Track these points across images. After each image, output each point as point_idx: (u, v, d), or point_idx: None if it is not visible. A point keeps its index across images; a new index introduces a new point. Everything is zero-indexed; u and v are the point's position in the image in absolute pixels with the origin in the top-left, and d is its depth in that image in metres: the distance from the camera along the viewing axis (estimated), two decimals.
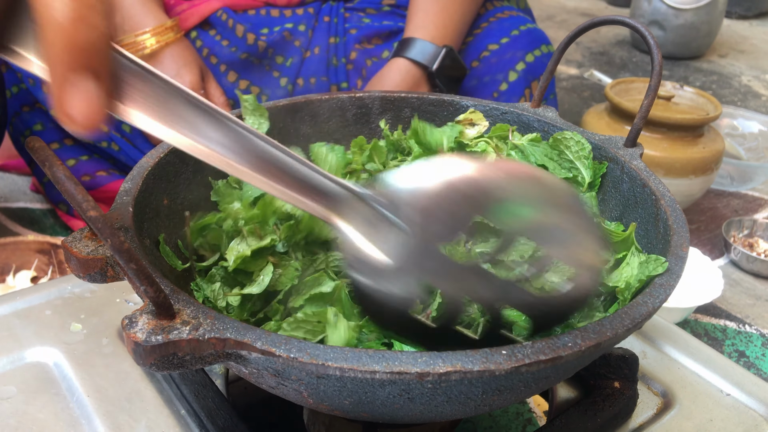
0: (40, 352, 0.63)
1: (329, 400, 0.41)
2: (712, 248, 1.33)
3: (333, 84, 1.16)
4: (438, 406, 0.40)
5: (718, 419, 0.61)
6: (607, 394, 0.60)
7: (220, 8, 1.14)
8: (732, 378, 0.66)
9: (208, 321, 0.38)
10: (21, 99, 1.11)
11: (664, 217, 0.51)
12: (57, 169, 0.33)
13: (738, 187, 1.54)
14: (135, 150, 1.13)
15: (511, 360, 0.36)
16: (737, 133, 1.65)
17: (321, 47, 1.16)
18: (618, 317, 0.40)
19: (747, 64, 2.47)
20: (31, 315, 0.67)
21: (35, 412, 0.57)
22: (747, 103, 2.12)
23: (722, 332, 1.11)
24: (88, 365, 0.62)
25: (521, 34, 1.15)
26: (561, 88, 2.12)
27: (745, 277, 1.25)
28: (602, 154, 0.62)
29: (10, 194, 1.35)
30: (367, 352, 0.36)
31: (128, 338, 0.36)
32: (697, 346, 0.69)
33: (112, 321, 0.67)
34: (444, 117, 0.72)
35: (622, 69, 2.38)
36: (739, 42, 2.72)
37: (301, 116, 0.69)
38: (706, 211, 1.46)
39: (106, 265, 0.44)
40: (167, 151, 0.57)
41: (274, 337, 0.37)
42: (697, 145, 1.26)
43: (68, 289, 0.70)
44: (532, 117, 0.68)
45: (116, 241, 0.33)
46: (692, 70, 2.38)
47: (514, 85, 1.13)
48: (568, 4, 3.18)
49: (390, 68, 1.04)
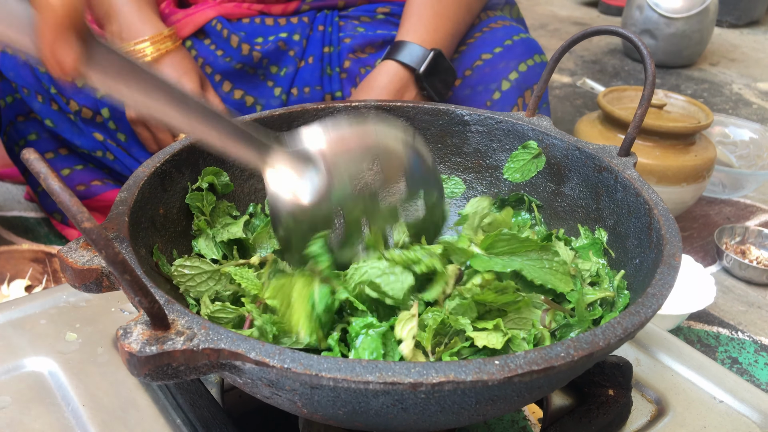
0: (35, 361, 0.63)
1: (323, 410, 0.41)
2: (704, 255, 1.33)
3: (327, 93, 1.16)
4: (432, 415, 0.40)
5: (711, 426, 0.62)
6: (601, 402, 0.60)
7: (214, 17, 1.15)
8: (725, 385, 0.66)
9: (202, 331, 0.38)
10: (15, 109, 1.11)
11: (657, 227, 0.52)
12: (52, 180, 0.34)
13: (730, 194, 1.55)
14: (130, 159, 1.13)
15: (503, 370, 0.36)
16: (729, 141, 1.66)
17: (315, 56, 1.16)
18: (611, 327, 0.40)
19: (738, 73, 2.49)
20: (26, 324, 0.67)
21: (30, 421, 0.57)
22: (738, 111, 2.14)
23: (715, 339, 1.11)
24: (83, 374, 0.62)
25: (514, 43, 1.16)
26: (554, 97, 2.13)
27: (738, 283, 1.26)
28: (596, 163, 0.63)
29: (5, 203, 1.35)
30: (360, 363, 0.36)
31: (123, 349, 0.36)
32: (690, 354, 0.70)
33: (107, 330, 0.67)
34: (439, 126, 0.72)
35: (614, 77, 2.39)
36: (730, 50, 2.74)
37: (297, 125, 0.70)
38: (699, 218, 1.47)
39: (102, 275, 0.44)
40: (163, 160, 0.58)
41: (268, 347, 0.37)
42: (689, 153, 1.27)
43: (63, 299, 0.70)
44: (526, 126, 0.68)
45: (111, 253, 0.34)
46: (684, 79, 2.40)
47: (507, 94, 1.14)
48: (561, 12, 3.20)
49: (379, 71, 1.04)
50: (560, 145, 0.66)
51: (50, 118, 1.09)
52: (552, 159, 0.67)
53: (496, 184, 0.71)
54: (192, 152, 0.61)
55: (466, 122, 0.71)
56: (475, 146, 0.72)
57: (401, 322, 0.50)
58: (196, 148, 0.62)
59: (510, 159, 0.69)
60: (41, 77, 1.07)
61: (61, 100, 1.08)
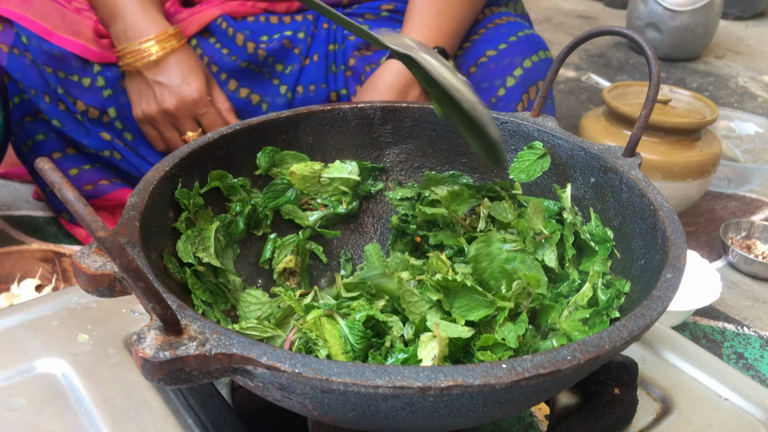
0: (47, 363, 0.64)
1: (333, 413, 0.41)
2: (710, 250, 1.34)
3: (332, 91, 1.17)
4: (440, 418, 0.41)
5: (716, 424, 0.62)
6: (607, 401, 0.60)
7: (219, 16, 1.15)
8: (730, 383, 0.67)
9: (214, 336, 0.39)
10: (23, 109, 1.12)
11: (662, 228, 0.52)
12: (67, 190, 0.34)
13: (735, 189, 1.55)
14: (137, 158, 1.14)
15: (511, 374, 0.36)
16: (734, 135, 1.66)
17: (320, 54, 1.17)
18: (616, 330, 0.40)
19: (743, 66, 2.48)
20: (38, 326, 0.67)
21: (44, 423, 0.58)
22: (744, 104, 2.13)
23: (721, 334, 1.12)
24: (95, 376, 0.63)
25: (519, 40, 1.16)
26: (558, 91, 2.13)
27: (743, 279, 1.26)
28: (601, 164, 0.63)
29: (13, 202, 1.36)
30: (370, 367, 0.36)
31: (137, 354, 0.37)
32: (696, 352, 0.70)
33: (119, 331, 0.68)
34: (444, 127, 0.73)
35: (619, 71, 2.39)
36: (736, 43, 2.73)
37: (303, 127, 0.70)
38: (704, 213, 1.47)
39: (114, 280, 0.45)
40: (172, 164, 0.58)
41: (279, 352, 0.38)
42: (695, 148, 1.27)
43: (74, 300, 0.71)
44: (532, 127, 0.69)
45: (125, 261, 0.34)
46: (689, 72, 2.39)
47: (512, 90, 1.14)
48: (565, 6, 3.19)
49: (383, 70, 1.05)
50: (565, 145, 0.66)
51: (57, 119, 1.10)
52: (557, 159, 0.67)
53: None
54: (200, 156, 0.62)
55: None
56: None
57: (423, 344, 0.52)
58: (204, 151, 0.63)
59: (516, 159, 0.70)
60: (48, 78, 1.07)
61: (68, 100, 1.09)
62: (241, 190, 0.66)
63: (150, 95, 1.06)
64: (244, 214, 0.65)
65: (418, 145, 0.74)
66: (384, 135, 0.73)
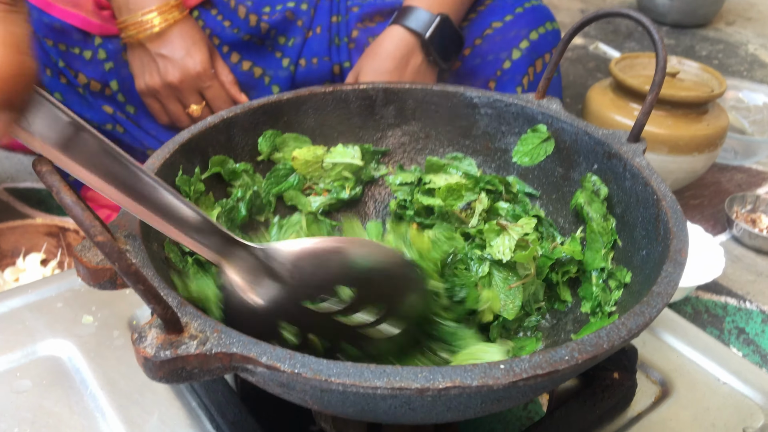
0: (52, 345, 0.65)
1: (333, 408, 0.42)
2: (714, 224, 1.33)
3: (335, 63, 1.15)
4: (439, 413, 0.41)
5: (714, 408, 0.63)
6: (606, 385, 0.61)
7: None
8: (729, 366, 0.67)
9: (214, 335, 0.39)
10: None
11: (665, 219, 0.52)
12: (64, 194, 0.34)
13: (742, 161, 1.53)
14: (140, 131, 1.13)
15: (508, 375, 0.37)
16: (742, 106, 1.64)
17: (323, 26, 1.15)
18: (615, 328, 0.41)
19: (754, 32, 2.43)
20: (42, 308, 0.68)
21: (51, 405, 0.59)
22: (753, 72, 2.10)
23: (723, 309, 1.12)
24: (100, 358, 0.63)
25: (525, 11, 1.14)
26: (566, 59, 2.10)
27: (747, 252, 1.26)
28: (605, 149, 0.62)
29: (17, 174, 1.36)
30: (369, 368, 0.37)
31: (138, 353, 0.38)
32: (696, 334, 0.71)
33: (123, 313, 0.68)
34: (447, 108, 0.72)
35: (627, 38, 2.35)
36: (747, 9, 2.68)
37: (305, 109, 0.70)
38: (710, 185, 1.46)
39: (116, 274, 0.45)
40: (172, 151, 0.58)
41: (279, 352, 0.38)
42: (702, 122, 1.25)
43: (79, 281, 0.71)
44: (536, 110, 0.68)
45: (123, 265, 0.34)
46: (699, 39, 2.35)
47: (518, 63, 1.12)
48: None
49: (385, 36, 1.03)
50: (570, 129, 0.65)
51: (59, 92, 1.09)
52: (561, 143, 0.67)
53: (505, 167, 0.71)
54: (200, 141, 0.62)
55: (475, 105, 0.71)
56: (484, 129, 0.71)
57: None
58: (205, 136, 0.62)
59: (519, 142, 0.69)
60: (49, 50, 1.06)
61: (69, 73, 1.08)
62: (244, 174, 0.66)
63: (153, 68, 1.05)
64: (246, 199, 0.65)
65: (421, 127, 0.73)
66: (386, 116, 0.73)
